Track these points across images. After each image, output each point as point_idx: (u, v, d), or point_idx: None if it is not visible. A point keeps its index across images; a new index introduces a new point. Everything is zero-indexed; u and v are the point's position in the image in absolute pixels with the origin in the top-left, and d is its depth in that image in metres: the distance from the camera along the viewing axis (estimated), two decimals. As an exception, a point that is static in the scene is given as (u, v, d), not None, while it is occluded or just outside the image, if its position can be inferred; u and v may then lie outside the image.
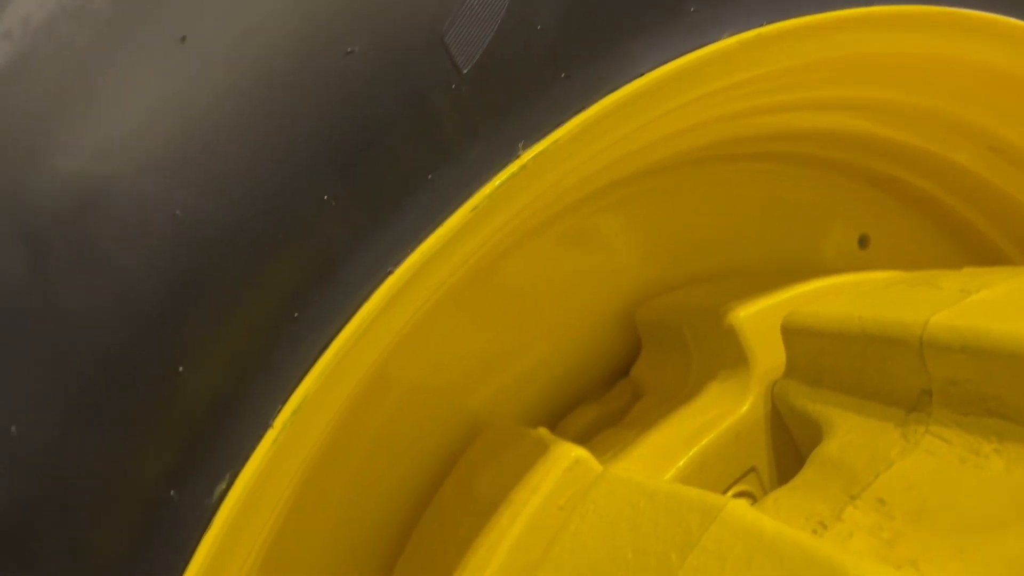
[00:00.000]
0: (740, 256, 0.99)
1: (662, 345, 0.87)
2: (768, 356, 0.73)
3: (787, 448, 0.72)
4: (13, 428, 0.40)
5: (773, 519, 0.45)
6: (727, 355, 0.75)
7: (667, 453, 0.71)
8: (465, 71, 0.48)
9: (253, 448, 0.47)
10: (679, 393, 0.80)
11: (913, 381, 0.56)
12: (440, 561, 0.70)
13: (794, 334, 0.67)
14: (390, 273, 0.49)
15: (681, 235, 0.95)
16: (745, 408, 0.71)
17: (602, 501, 0.57)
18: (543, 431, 0.74)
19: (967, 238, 1.07)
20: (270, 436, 0.47)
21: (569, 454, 0.67)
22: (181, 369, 0.44)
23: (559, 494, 0.66)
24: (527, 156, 0.52)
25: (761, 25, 0.59)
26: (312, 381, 0.48)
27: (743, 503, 0.48)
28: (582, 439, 0.77)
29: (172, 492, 0.45)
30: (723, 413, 0.72)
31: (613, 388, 0.94)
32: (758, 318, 0.73)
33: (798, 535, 0.43)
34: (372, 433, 0.79)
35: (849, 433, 0.60)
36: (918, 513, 0.50)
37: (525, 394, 0.91)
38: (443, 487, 0.78)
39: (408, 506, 0.79)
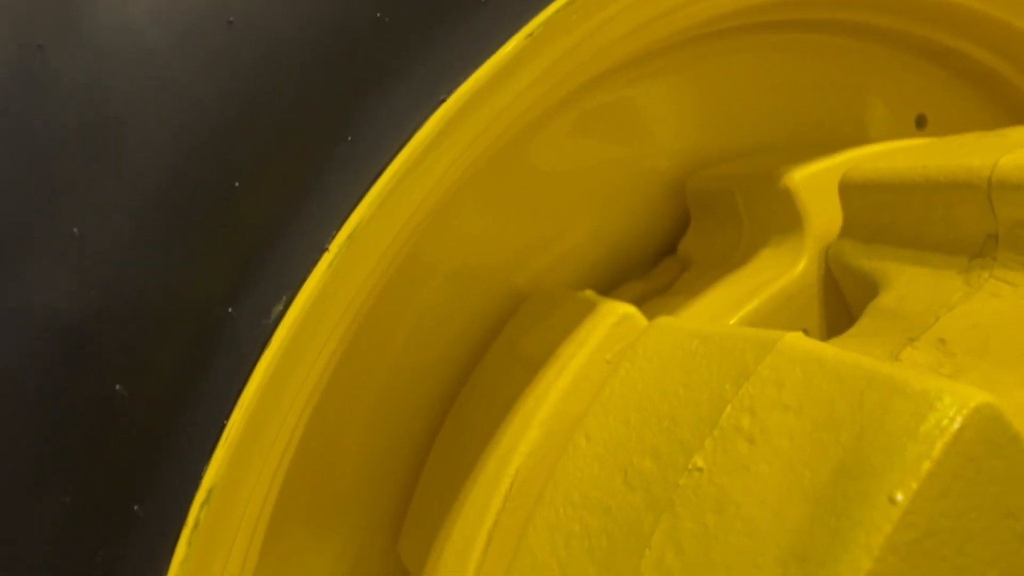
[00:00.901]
0: (791, 134, 0.96)
1: (712, 215, 0.85)
2: (822, 219, 0.71)
3: (840, 312, 0.71)
4: (76, 230, 0.40)
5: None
6: (780, 219, 0.74)
7: (716, 315, 0.71)
8: None
9: (309, 271, 0.47)
10: (728, 261, 0.79)
11: (978, 226, 0.54)
12: (486, 418, 0.70)
13: (853, 190, 0.65)
14: (443, 101, 0.48)
15: (727, 109, 0.92)
16: (798, 270, 0.70)
17: (652, 346, 0.57)
18: (590, 292, 0.74)
19: (1032, 118, 1.03)
20: (326, 260, 0.47)
21: (617, 310, 0.67)
22: (237, 184, 0.44)
23: (606, 348, 0.66)
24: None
25: None
26: (366, 207, 0.47)
27: (800, 334, 0.48)
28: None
29: (230, 310, 0.45)
30: (775, 276, 0.71)
31: (658, 265, 0.93)
32: (814, 179, 0.72)
33: (859, 357, 0.42)
34: (420, 305, 0.79)
35: (907, 284, 0.59)
36: (980, 350, 0.49)
37: (569, 272, 0.90)
38: (490, 350, 0.78)
39: (456, 369, 0.80)
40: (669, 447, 0.49)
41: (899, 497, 0.35)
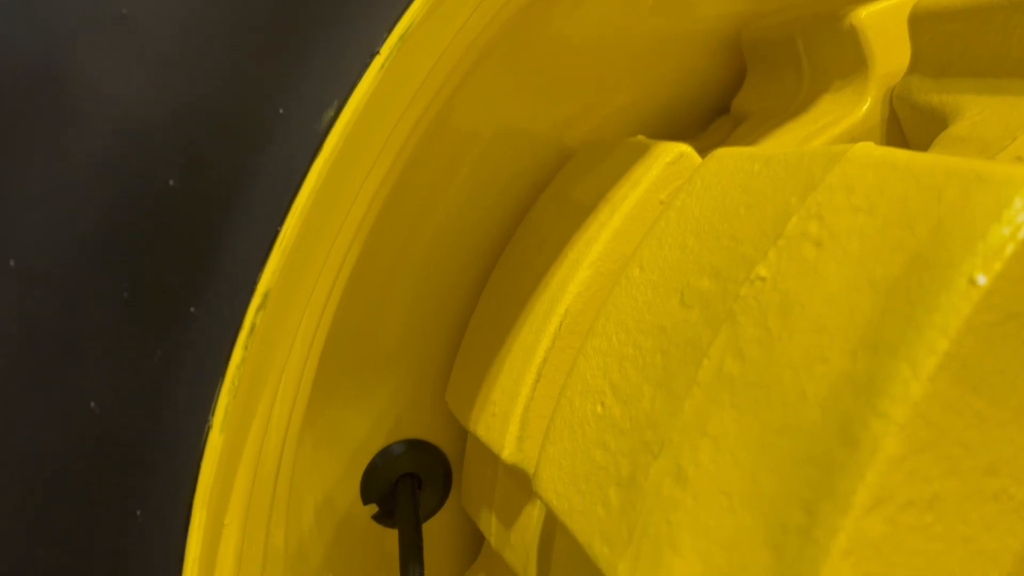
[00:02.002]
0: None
1: (769, 66, 0.82)
2: (888, 58, 0.68)
3: (902, 157, 0.68)
4: (129, 20, 0.39)
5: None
6: (844, 62, 0.71)
7: (773, 159, 0.68)
8: None
9: (360, 74, 0.45)
10: (786, 111, 0.76)
11: (1064, 42, 0.51)
12: (535, 263, 0.70)
13: (924, 21, 0.62)
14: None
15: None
16: (862, 111, 0.67)
17: (711, 175, 0.55)
18: (642, 137, 0.71)
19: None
20: (377, 63, 0.45)
21: (672, 149, 0.65)
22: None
23: (660, 188, 0.64)
24: None
25: None
26: (418, 8, 0.45)
27: (871, 143, 0.45)
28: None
29: (281, 110, 0.44)
30: (837, 119, 0.68)
31: (711, 125, 0.91)
32: (881, 16, 0.68)
33: (936, 156, 0.40)
34: (471, 163, 0.77)
35: (981, 112, 0.56)
36: (1062, 164, 0.46)
37: (618, 134, 0.88)
38: (540, 199, 0.77)
39: (507, 221, 0.79)
40: (729, 264, 0.47)
41: (980, 279, 0.34)
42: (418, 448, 0.83)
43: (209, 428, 0.46)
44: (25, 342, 0.41)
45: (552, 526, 0.63)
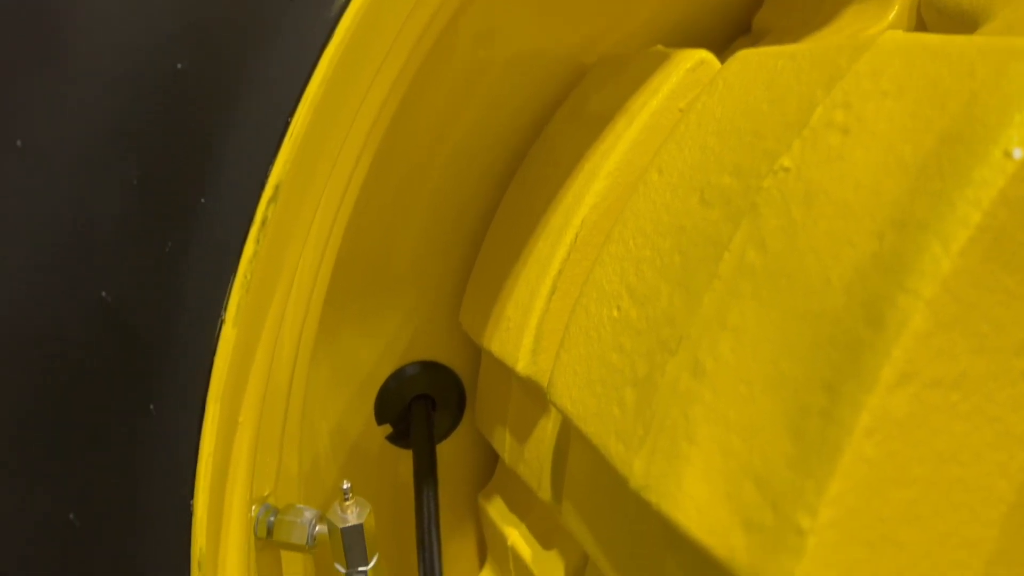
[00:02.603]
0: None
1: (792, -21, 0.79)
2: (917, -36, 0.66)
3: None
4: None
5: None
6: (870, -31, 0.68)
7: (796, 70, 0.66)
8: None
9: (371, -41, 0.44)
10: (810, 24, 0.74)
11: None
12: (550, 177, 0.68)
13: (956, -80, 0.59)
14: None
15: None
16: (889, 18, 0.65)
17: (732, 76, 0.53)
18: (660, 47, 0.70)
19: None
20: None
21: (693, 55, 0.63)
22: None
23: (680, 96, 0.63)
24: None
25: None
26: None
27: (900, 31, 0.44)
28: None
29: (291, -7, 0.43)
30: (862, 28, 0.66)
31: (732, 44, 0.88)
32: (910, -80, 0.65)
33: (966, 37, 0.39)
34: (488, 83, 0.76)
35: (1015, 12, 0.54)
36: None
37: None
38: (557, 113, 0.75)
39: (524, 138, 0.77)
40: (751, 159, 0.46)
41: (1017, 152, 0.33)
42: (432, 370, 0.83)
43: (222, 322, 0.45)
44: (33, 228, 0.41)
45: (566, 438, 0.63)
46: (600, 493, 0.55)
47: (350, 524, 0.55)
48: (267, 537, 0.58)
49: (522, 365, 0.64)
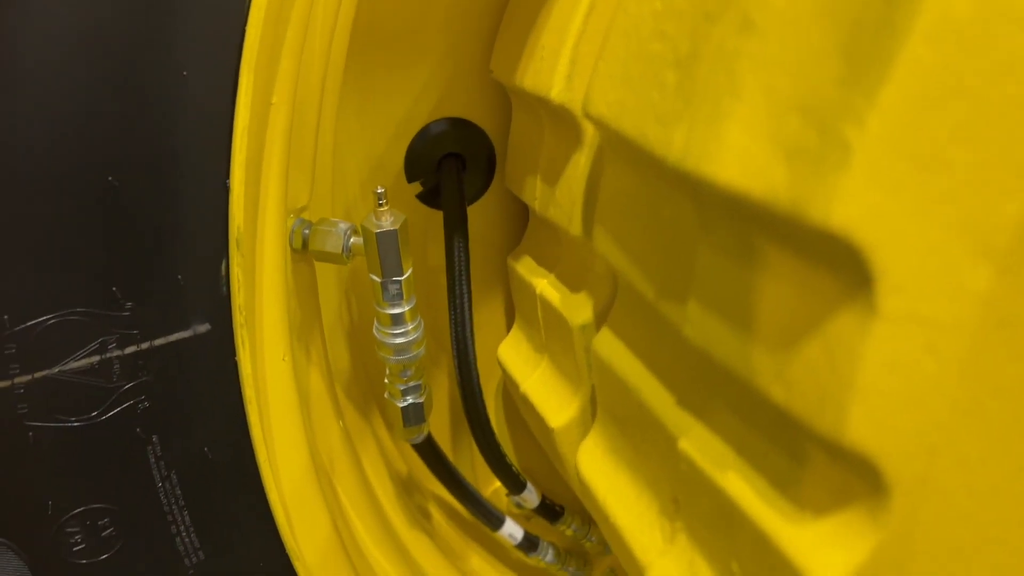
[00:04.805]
0: None
1: None
2: None
3: None
4: None
5: None
6: None
7: None
8: None
9: None
10: None
11: None
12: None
13: None
14: None
15: None
16: None
17: None
18: None
19: None
20: None
21: None
22: None
23: None
24: None
25: None
26: None
27: None
28: None
29: None
30: None
31: None
32: None
33: None
34: None
35: None
36: None
37: None
38: None
39: None
40: None
41: None
42: (461, 127, 0.81)
43: (254, -14, 0.44)
44: None
45: (600, 166, 0.62)
46: (634, 205, 0.55)
47: (385, 229, 0.55)
48: (302, 249, 0.59)
49: (556, 91, 0.62)
